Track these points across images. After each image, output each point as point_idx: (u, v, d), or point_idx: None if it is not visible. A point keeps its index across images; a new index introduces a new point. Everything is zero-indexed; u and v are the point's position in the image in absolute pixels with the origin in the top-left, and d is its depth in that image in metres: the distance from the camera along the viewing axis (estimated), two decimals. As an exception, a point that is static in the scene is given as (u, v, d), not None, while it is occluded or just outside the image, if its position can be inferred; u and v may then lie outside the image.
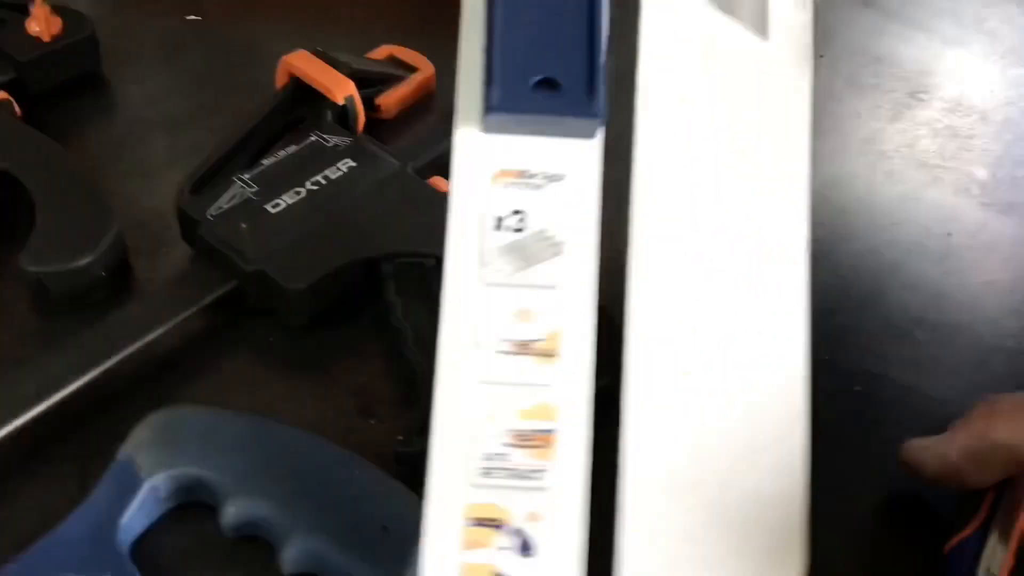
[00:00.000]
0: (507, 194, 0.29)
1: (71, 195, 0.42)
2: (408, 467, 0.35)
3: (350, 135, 0.47)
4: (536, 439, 0.28)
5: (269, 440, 0.33)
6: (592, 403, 0.29)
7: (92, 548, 0.32)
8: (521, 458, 0.28)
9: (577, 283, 0.29)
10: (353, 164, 0.45)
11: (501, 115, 0.28)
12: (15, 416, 0.36)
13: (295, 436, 0.33)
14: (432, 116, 0.51)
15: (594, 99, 0.28)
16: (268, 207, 0.42)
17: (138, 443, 0.34)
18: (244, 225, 0.41)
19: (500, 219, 0.29)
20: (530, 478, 0.28)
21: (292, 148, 0.45)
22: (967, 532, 0.37)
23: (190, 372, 0.39)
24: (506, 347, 0.29)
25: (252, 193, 0.42)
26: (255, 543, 0.34)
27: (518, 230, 0.29)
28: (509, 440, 0.28)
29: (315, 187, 0.43)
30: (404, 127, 0.51)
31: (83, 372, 0.37)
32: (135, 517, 0.33)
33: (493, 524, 0.28)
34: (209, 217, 0.42)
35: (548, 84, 0.28)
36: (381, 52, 0.54)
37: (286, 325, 0.42)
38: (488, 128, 0.29)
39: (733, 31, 0.31)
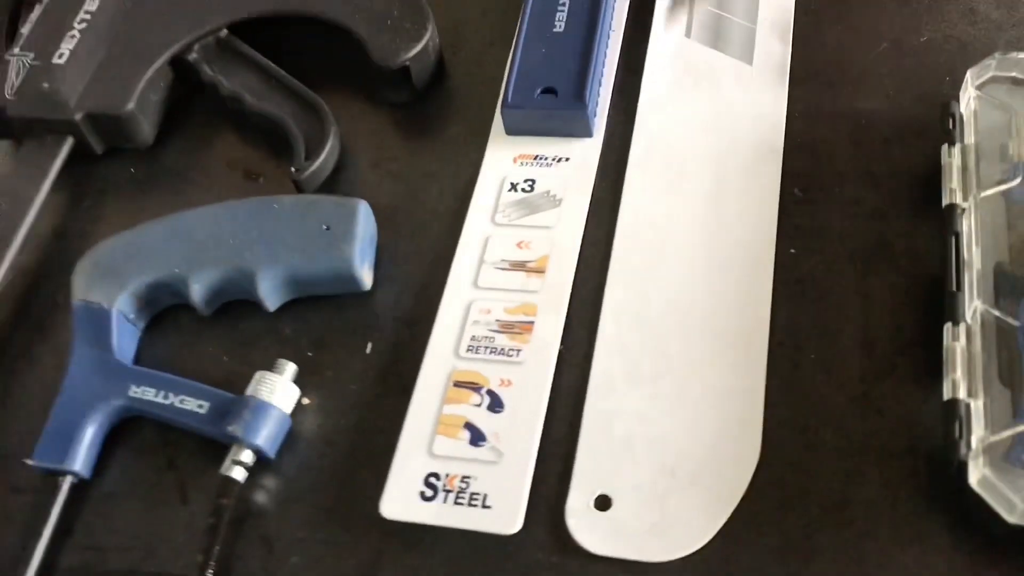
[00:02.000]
0: (523, 170, 0.38)
1: None
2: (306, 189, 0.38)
3: None
4: (518, 327, 0.34)
5: (190, 224, 0.36)
6: (566, 308, 0.34)
7: (105, 380, 0.34)
8: (504, 340, 0.34)
9: (569, 224, 0.36)
10: None
11: (514, 110, 0.38)
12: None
13: (208, 210, 0.37)
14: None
15: (583, 101, 0.38)
16: (55, 60, 0.41)
17: (84, 286, 0.36)
18: (46, 85, 0.40)
19: (514, 184, 0.38)
20: (508, 355, 0.33)
21: (37, 8, 0.43)
22: None
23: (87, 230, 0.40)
24: (505, 265, 0.36)
25: (31, 60, 0.41)
26: (230, 309, 0.36)
27: (527, 190, 0.37)
28: (496, 328, 0.34)
29: (84, 23, 0.42)
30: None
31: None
32: (122, 343, 0.35)
33: (472, 386, 0.33)
34: (9, 98, 0.41)
35: (550, 91, 0.38)
36: None
37: (133, 148, 0.41)
38: (507, 123, 0.39)
39: (724, 60, 0.40)
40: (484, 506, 0.31)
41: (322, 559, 0.31)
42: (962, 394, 0.29)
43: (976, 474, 0.28)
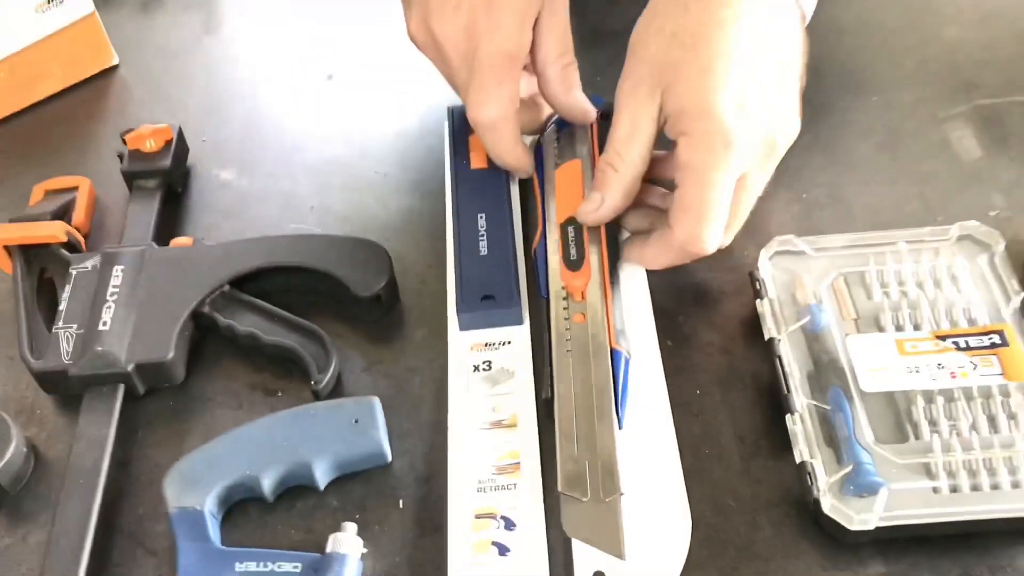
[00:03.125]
0: (480, 354, 0.53)
1: None
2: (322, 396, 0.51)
3: (90, 253, 0.56)
4: (509, 468, 0.48)
5: (251, 434, 0.48)
6: (538, 444, 0.49)
7: (212, 565, 0.45)
8: (502, 479, 0.48)
9: (523, 388, 0.51)
10: (116, 265, 0.55)
11: (465, 313, 0.53)
12: None
13: (262, 422, 0.49)
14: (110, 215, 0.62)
15: (514, 303, 0.53)
16: (100, 328, 0.52)
17: (176, 495, 0.46)
18: (99, 348, 0.51)
19: (476, 365, 0.52)
20: (508, 488, 0.48)
21: (67, 289, 0.54)
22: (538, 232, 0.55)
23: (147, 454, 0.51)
24: (487, 425, 0.50)
25: (76, 330, 0.52)
26: (286, 493, 0.48)
27: (487, 369, 0.52)
28: (494, 471, 0.48)
29: (115, 295, 0.53)
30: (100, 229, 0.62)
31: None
32: (214, 533, 0.46)
33: (489, 516, 0.47)
34: (67, 362, 0.51)
35: (489, 297, 0.54)
36: (37, 194, 0.61)
37: (170, 385, 0.53)
38: (461, 323, 0.54)
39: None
40: (521, 595, 0.44)
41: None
42: (807, 457, 0.46)
43: (827, 504, 0.44)
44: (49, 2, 0.66)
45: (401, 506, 0.48)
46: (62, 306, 0.54)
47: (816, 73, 0.54)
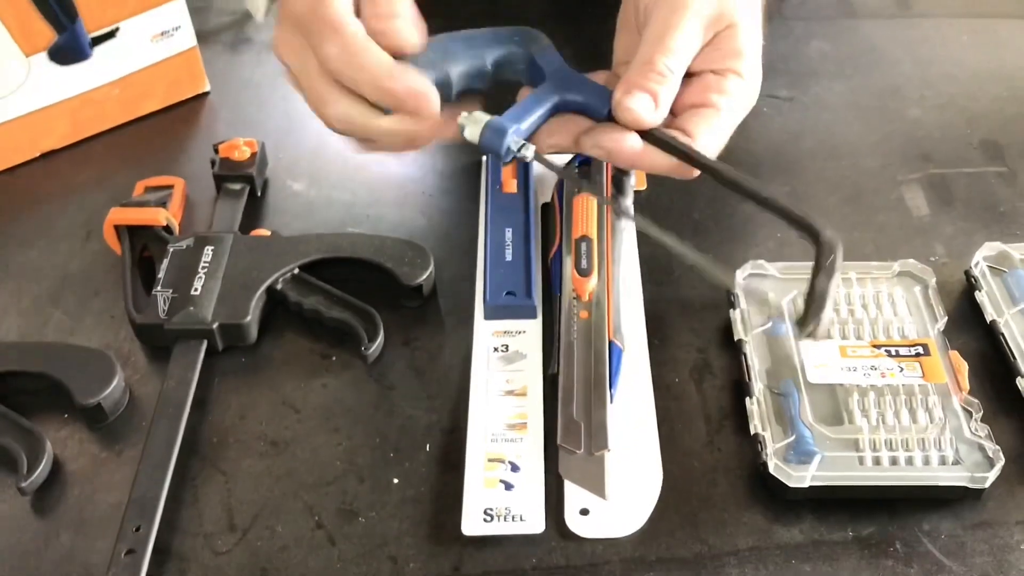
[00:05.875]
0: (499, 339, 0.64)
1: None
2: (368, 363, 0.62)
3: (185, 235, 0.67)
4: (518, 426, 0.59)
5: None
6: (542, 413, 0.60)
7: None
8: (511, 434, 0.59)
9: (533, 368, 0.62)
10: (207, 245, 0.66)
11: (490, 305, 0.65)
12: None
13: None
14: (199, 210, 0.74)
15: (531, 299, 0.65)
16: (192, 293, 0.63)
17: None
18: (192, 308, 0.62)
19: (495, 347, 0.64)
20: (516, 441, 0.58)
21: (165, 262, 0.65)
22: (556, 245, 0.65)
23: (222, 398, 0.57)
24: (502, 392, 0.61)
25: (171, 294, 0.64)
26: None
27: (504, 351, 0.63)
28: (505, 427, 0.59)
29: (205, 267, 0.65)
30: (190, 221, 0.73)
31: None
32: None
33: (499, 460, 0.57)
34: (163, 318, 0.62)
35: (511, 293, 0.65)
36: (139, 189, 0.73)
37: (244, 344, 0.63)
38: (486, 313, 0.65)
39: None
40: (520, 519, 0.55)
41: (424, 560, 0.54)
42: (760, 430, 0.56)
43: (772, 466, 0.55)
44: (162, 34, 0.80)
45: (428, 449, 0.59)
46: (160, 275, 0.66)
47: (798, 139, 0.67)
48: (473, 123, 0.53)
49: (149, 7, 0.78)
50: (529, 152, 0.53)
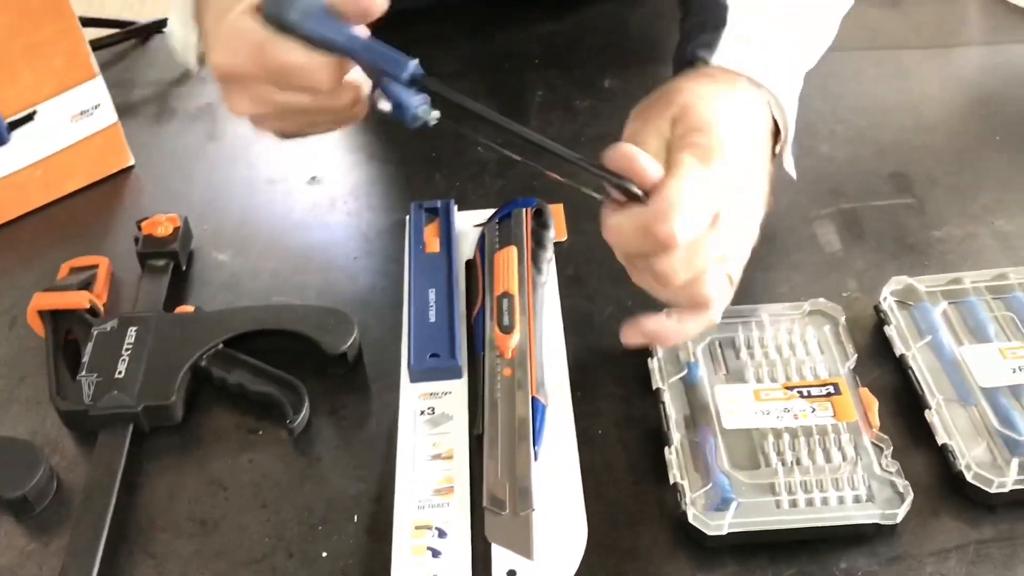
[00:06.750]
0: (425, 402, 0.65)
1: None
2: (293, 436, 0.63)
3: (109, 318, 0.68)
4: (444, 490, 0.60)
5: None
6: (468, 472, 0.61)
7: None
8: (438, 499, 0.60)
9: (459, 429, 0.63)
10: (130, 326, 0.66)
11: (415, 368, 0.65)
12: None
13: None
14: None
15: (456, 359, 0.66)
16: (116, 376, 0.64)
17: None
18: (116, 392, 0.63)
19: (422, 411, 0.64)
20: (443, 505, 0.59)
21: (89, 345, 0.66)
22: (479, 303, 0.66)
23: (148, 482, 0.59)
24: (429, 457, 0.62)
25: (96, 378, 0.64)
26: None
27: (431, 413, 0.64)
28: (432, 493, 0.60)
29: (129, 350, 0.65)
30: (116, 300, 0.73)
31: None
32: None
33: (427, 527, 0.58)
34: (88, 403, 0.63)
35: (435, 355, 0.66)
36: (64, 271, 0.73)
37: (170, 424, 0.64)
38: (411, 376, 0.66)
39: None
40: (448, 586, 0.55)
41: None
42: (679, 479, 0.58)
43: (691, 515, 0.56)
44: (82, 114, 0.80)
45: (356, 520, 0.60)
46: (85, 358, 0.66)
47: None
48: None
49: (66, 88, 0.79)
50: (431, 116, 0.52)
